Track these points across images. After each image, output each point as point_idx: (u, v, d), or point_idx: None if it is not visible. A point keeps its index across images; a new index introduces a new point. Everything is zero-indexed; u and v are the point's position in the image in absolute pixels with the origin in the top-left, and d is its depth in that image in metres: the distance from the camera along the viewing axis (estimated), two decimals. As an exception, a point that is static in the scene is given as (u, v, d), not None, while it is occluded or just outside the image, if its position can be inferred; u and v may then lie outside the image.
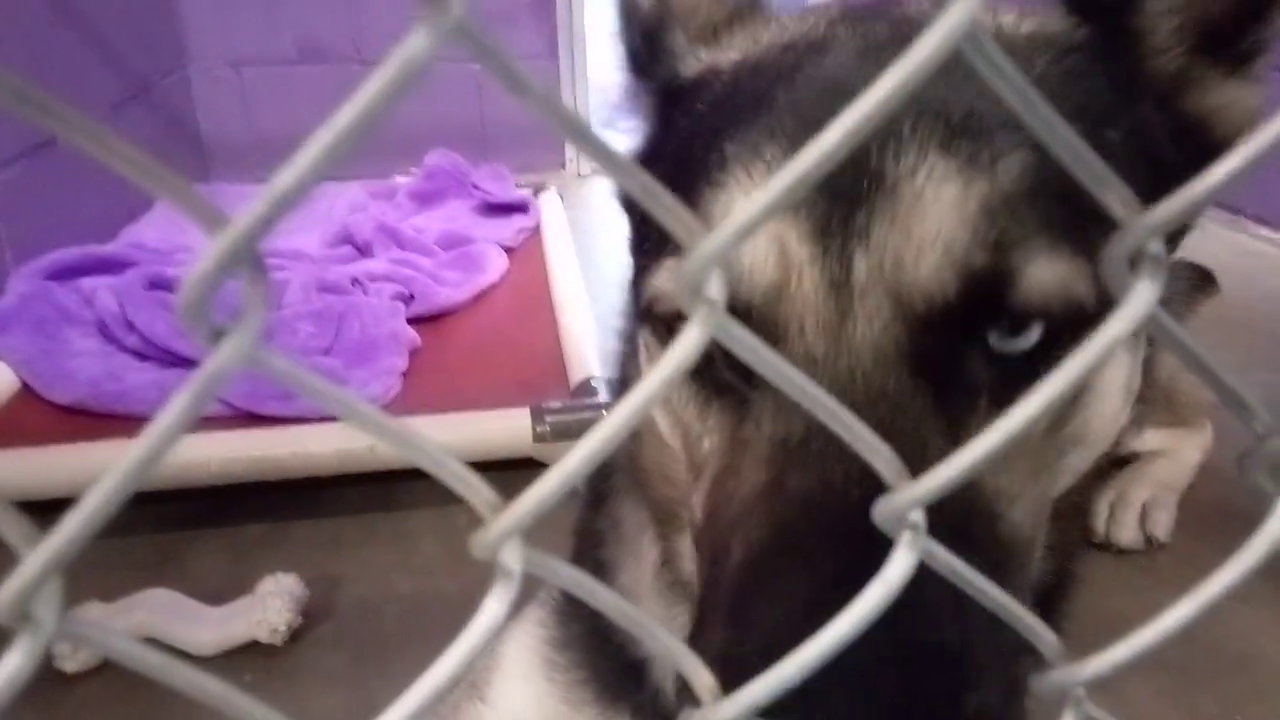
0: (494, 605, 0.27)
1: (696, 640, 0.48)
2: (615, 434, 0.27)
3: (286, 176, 0.20)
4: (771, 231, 0.52)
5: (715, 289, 0.25)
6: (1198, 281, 1.64)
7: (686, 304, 0.25)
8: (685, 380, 0.58)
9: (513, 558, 0.28)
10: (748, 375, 0.54)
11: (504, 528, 0.27)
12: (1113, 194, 0.27)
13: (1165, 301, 0.27)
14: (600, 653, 0.89)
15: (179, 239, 2.47)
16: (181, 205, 0.20)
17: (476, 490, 0.28)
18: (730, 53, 0.70)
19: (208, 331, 0.21)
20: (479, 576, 0.35)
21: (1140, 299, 0.28)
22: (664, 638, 0.32)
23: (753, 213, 0.24)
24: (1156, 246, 0.28)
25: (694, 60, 0.73)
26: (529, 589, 0.46)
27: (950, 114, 0.51)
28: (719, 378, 0.57)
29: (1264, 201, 3.03)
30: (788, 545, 0.47)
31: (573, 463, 0.26)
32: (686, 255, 0.25)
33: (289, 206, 0.20)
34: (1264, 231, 3.05)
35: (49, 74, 2.34)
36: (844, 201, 0.51)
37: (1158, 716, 1.25)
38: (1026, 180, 0.50)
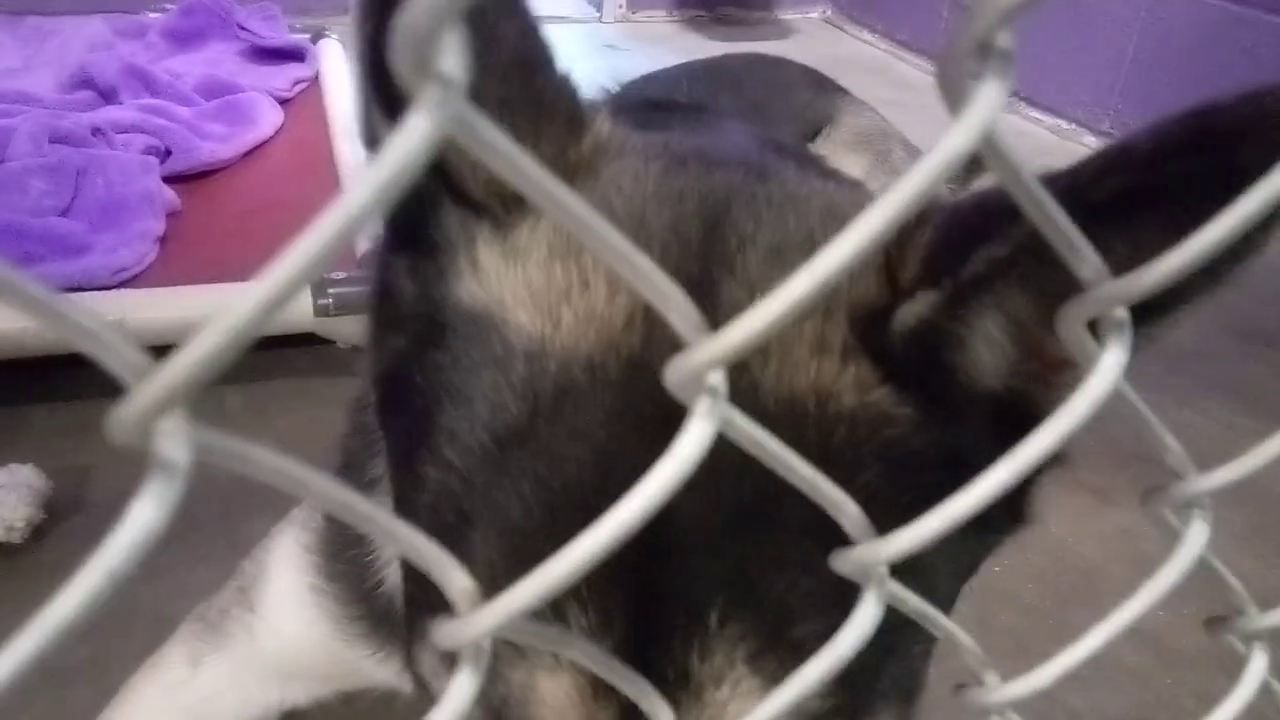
0: (144, 510, 0.19)
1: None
2: (313, 262, 0.19)
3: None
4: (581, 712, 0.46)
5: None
6: (969, 166, 1.71)
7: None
8: None
9: (172, 441, 0.20)
10: None
11: (152, 398, 0.19)
12: (1084, 263, 0.28)
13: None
14: (369, 592, 0.85)
15: None
16: None
17: (113, 350, 0.19)
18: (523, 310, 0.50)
19: None
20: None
21: (1110, 364, 0.29)
22: (405, 533, 0.25)
23: None
24: (1122, 313, 0.29)
25: (474, 286, 0.51)
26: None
27: (764, 602, 0.45)
28: None
29: (1034, 84, 3.23)
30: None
31: (240, 313, 0.18)
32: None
33: None
34: (1034, 113, 3.27)
35: None
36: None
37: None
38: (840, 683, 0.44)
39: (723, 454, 0.28)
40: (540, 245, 0.51)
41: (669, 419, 0.45)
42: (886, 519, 0.45)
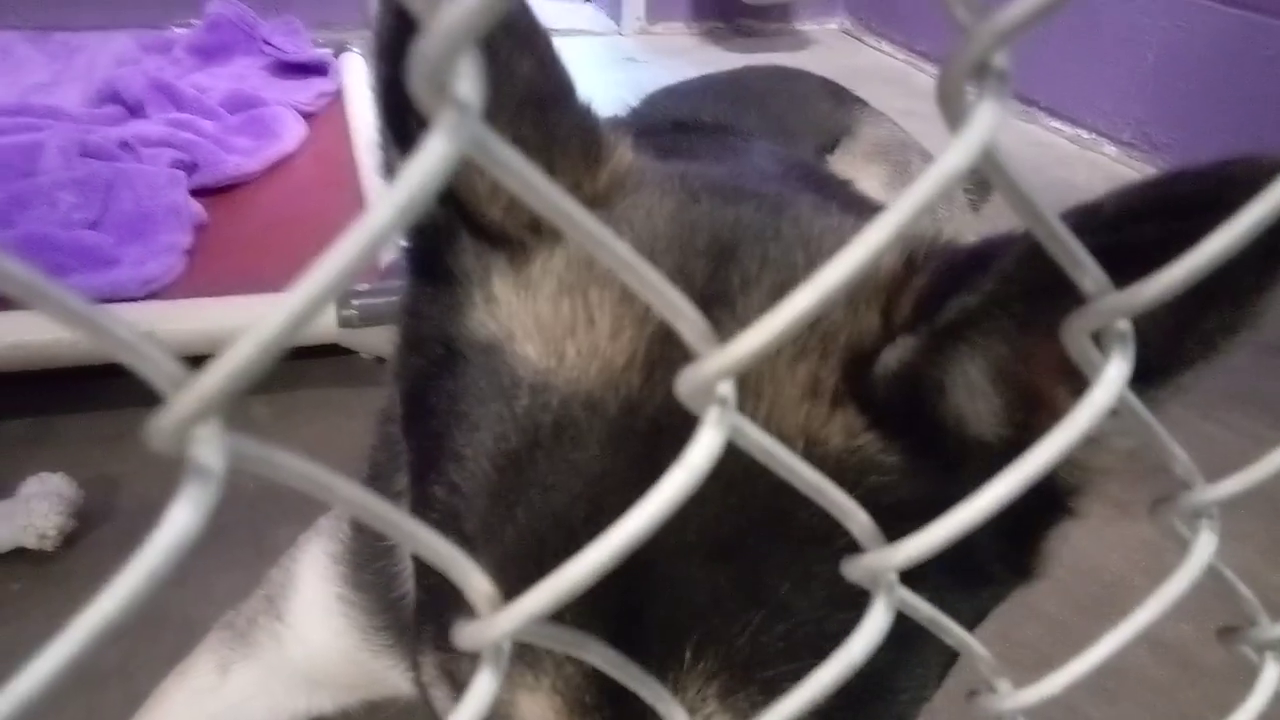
0: (181, 514, 0.21)
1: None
2: (338, 278, 0.20)
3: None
4: None
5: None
6: (977, 188, 1.71)
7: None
8: None
9: (208, 448, 0.21)
10: None
11: (189, 408, 0.20)
12: (1087, 275, 0.29)
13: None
14: (395, 602, 0.86)
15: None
16: None
17: (152, 361, 0.21)
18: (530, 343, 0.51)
19: None
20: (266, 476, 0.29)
21: (1113, 375, 0.30)
22: (428, 539, 0.26)
23: None
24: (1124, 325, 0.29)
25: (486, 317, 0.53)
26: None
27: (737, 640, 0.46)
28: None
29: (1055, 93, 3.19)
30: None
31: (273, 324, 0.20)
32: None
33: None
34: (1054, 123, 3.23)
35: None
36: (626, 716, 0.47)
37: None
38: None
39: (704, 495, 0.29)
40: (551, 279, 0.52)
41: (660, 460, 0.47)
42: None
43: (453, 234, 0.54)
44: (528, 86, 0.50)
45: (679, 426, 0.47)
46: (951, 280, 0.45)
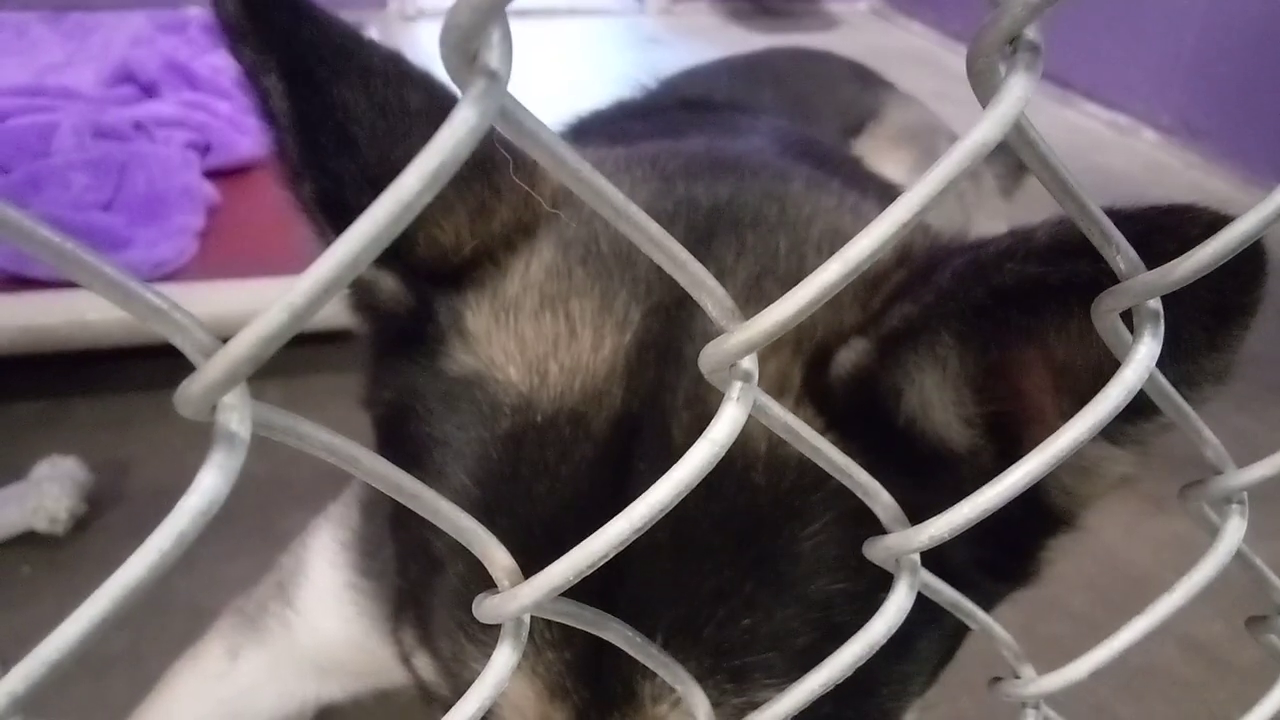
0: (210, 478, 0.21)
1: None
2: (368, 246, 0.20)
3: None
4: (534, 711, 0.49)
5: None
6: (1013, 169, 1.69)
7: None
8: None
9: (235, 415, 0.21)
10: None
11: (216, 375, 0.20)
12: (1120, 255, 0.29)
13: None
14: None
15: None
16: None
17: (183, 329, 0.21)
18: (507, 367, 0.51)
19: None
20: (290, 456, 0.28)
21: (1143, 354, 0.30)
22: (452, 513, 0.26)
23: None
24: (1155, 304, 0.30)
25: (464, 355, 0.53)
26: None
27: (704, 631, 0.46)
28: None
29: (1093, 77, 3.08)
30: None
31: (302, 291, 0.19)
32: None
33: None
34: (1091, 107, 3.12)
35: None
36: (600, 700, 0.48)
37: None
38: None
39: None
40: (532, 293, 0.52)
41: (642, 469, 0.47)
42: (838, 573, 0.46)
43: (425, 303, 0.54)
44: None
45: (658, 427, 0.48)
46: (923, 280, 0.43)
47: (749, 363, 0.27)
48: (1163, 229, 0.32)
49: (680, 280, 0.27)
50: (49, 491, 1.26)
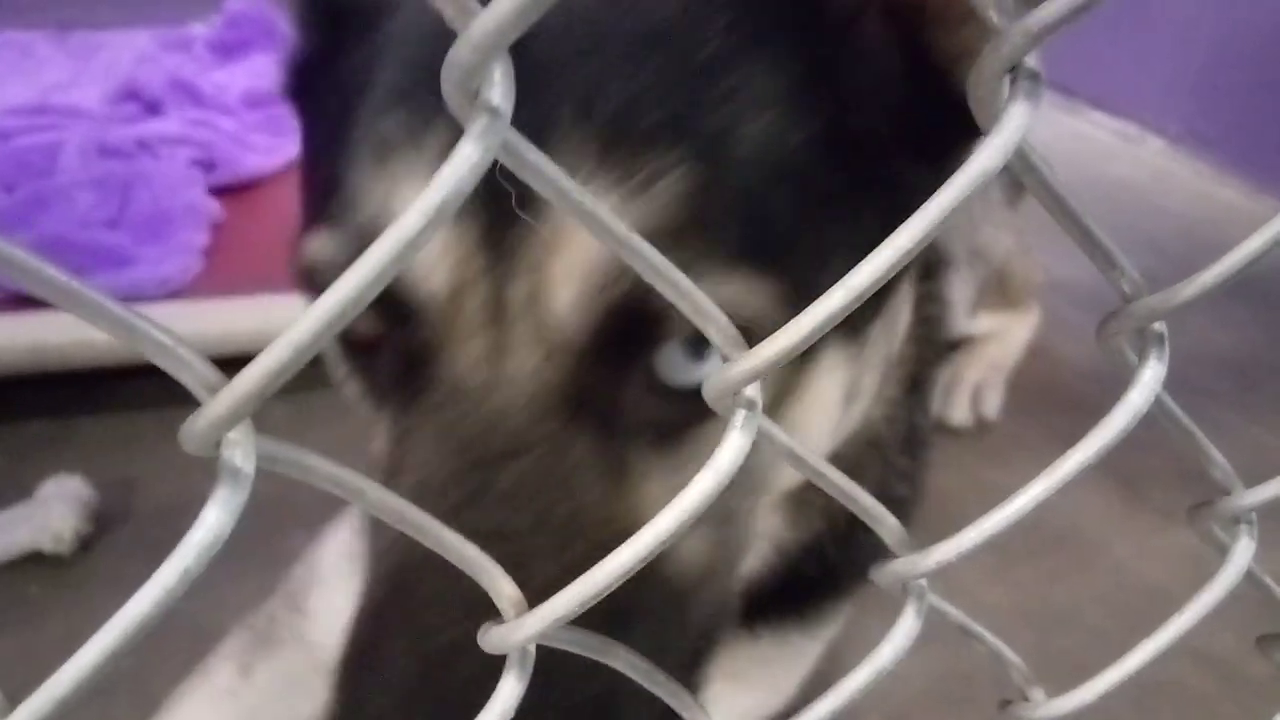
0: (214, 515, 0.21)
1: None
2: (369, 285, 0.20)
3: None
4: (443, 237, 0.46)
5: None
6: (1012, 190, 1.69)
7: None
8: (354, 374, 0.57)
9: (239, 451, 0.21)
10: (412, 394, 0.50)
11: (221, 412, 0.20)
12: (1124, 278, 0.29)
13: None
14: None
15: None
16: None
17: (187, 365, 0.21)
18: None
19: None
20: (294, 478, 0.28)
21: (1149, 378, 0.30)
22: (455, 542, 0.26)
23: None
24: (1160, 327, 0.30)
25: None
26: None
27: (612, 107, 0.45)
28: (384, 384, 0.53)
29: (1100, 86, 3.03)
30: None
31: (306, 328, 0.19)
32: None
33: None
34: (1099, 116, 3.06)
35: None
36: (505, 209, 0.44)
37: (982, 593, 1.32)
38: (691, 200, 0.44)
39: None
40: None
41: None
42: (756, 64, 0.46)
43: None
44: None
45: None
46: None
47: (752, 391, 0.27)
48: None
49: (683, 309, 0.27)
50: (55, 511, 1.26)
